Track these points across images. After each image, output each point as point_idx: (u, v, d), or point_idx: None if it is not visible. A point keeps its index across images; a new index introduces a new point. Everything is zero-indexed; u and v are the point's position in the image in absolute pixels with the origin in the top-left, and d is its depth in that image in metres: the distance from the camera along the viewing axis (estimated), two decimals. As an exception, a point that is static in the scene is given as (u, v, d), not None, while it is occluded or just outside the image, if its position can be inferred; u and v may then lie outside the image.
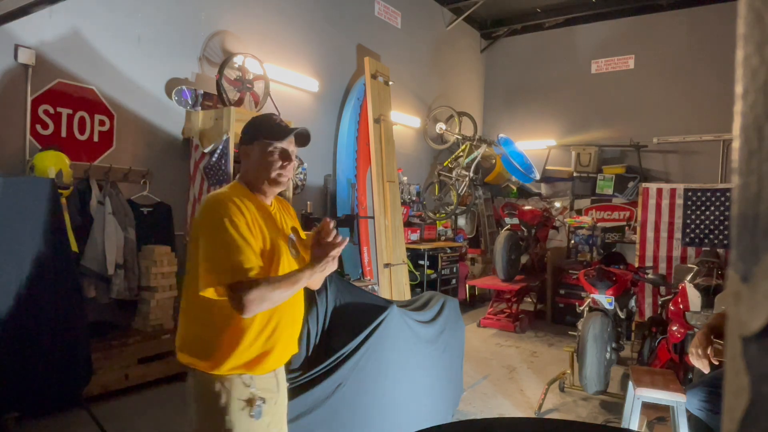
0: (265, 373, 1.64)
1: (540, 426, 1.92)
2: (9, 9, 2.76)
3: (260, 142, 1.65)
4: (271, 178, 1.64)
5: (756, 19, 0.29)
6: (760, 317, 0.28)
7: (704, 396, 2.50)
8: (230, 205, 1.55)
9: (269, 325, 1.61)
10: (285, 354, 1.72)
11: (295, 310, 1.73)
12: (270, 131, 1.66)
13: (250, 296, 1.45)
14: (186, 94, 4.59)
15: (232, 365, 1.57)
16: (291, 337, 1.73)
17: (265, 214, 1.65)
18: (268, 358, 1.62)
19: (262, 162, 1.64)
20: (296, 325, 1.76)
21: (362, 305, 2.83)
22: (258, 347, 1.60)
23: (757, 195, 0.28)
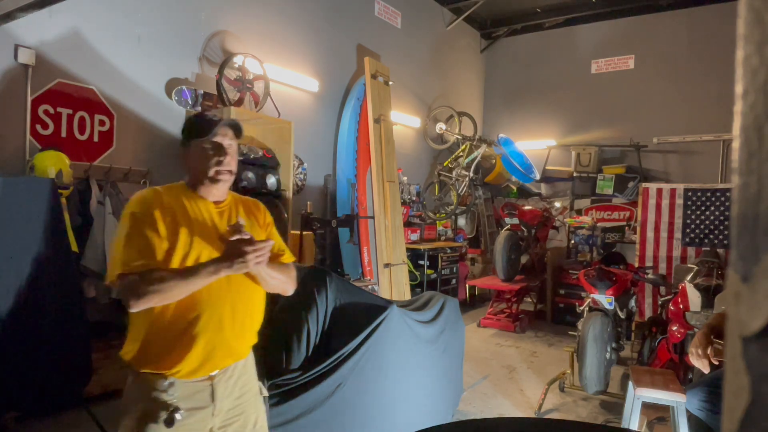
0: (191, 378, 1.54)
1: (540, 426, 1.92)
2: (8, 9, 2.76)
3: (194, 142, 1.63)
4: (210, 176, 1.61)
5: (756, 19, 0.29)
6: (760, 317, 0.28)
7: (704, 396, 2.50)
8: (140, 198, 1.57)
9: (181, 322, 1.52)
10: (215, 358, 1.58)
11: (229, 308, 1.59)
12: (199, 128, 1.64)
13: (130, 287, 1.43)
14: (186, 94, 4.59)
15: (146, 362, 1.53)
16: (225, 339, 1.59)
17: (195, 211, 1.60)
18: (188, 361, 1.52)
19: (198, 161, 1.62)
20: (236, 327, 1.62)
21: (362, 305, 2.83)
22: (168, 344, 1.52)
23: (757, 195, 0.28)
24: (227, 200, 1.72)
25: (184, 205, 1.60)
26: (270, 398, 2.44)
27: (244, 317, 1.65)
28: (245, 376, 1.71)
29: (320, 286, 2.69)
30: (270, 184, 4.77)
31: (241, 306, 1.64)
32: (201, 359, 1.55)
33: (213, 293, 1.55)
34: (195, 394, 1.56)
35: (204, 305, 1.54)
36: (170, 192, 1.62)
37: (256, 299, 1.71)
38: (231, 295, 1.60)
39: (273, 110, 5.21)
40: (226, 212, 1.69)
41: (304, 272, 2.84)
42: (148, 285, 1.42)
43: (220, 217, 1.66)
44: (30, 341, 3.04)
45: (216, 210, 1.66)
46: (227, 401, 1.63)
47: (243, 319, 1.65)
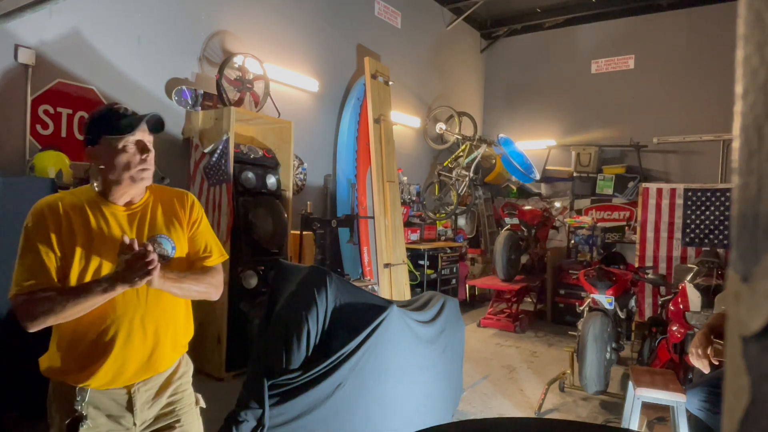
0: (100, 387, 1.50)
1: (540, 426, 1.92)
2: (9, 9, 2.76)
3: (108, 139, 1.48)
4: (132, 177, 1.49)
5: (756, 19, 0.29)
6: (760, 317, 0.28)
7: (704, 396, 2.50)
8: (35, 211, 1.48)
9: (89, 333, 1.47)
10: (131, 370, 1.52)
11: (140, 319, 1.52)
12: (116, 125, 1.48)
13: (23, 308, 1.38)
14: (186, 94, 4.59)
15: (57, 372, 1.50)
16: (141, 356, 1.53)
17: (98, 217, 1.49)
18: (99, 375, 1.47)
19: (115, 161, 1.47)
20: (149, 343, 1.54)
21: (362, 305, 2.83)
22: (76, 355, 1.48)
23: (757, 195, 0.28)
24: (143, 199, 1.59)
25: (86, 214, 1.49)
26: (270, 398, 2.44)
27: (158, 329, 1.56)
28: (173, 386, 1.63)
29: (320, 286, 2.69)
30: (270, 184, 4.77)
31: (154, 318, 1.55)
32: (112, 373, 1.50)
33: (119, 306, 1.48)
34: (110, 402, 1.52)
35: (111, 318, 1.48)
36: (73, 199, 1.51)
37: (176, 309, 1.62)
38: (141, 308, 1.52)
39: (273, 110, 5.21)
40: (138, 215, 1.57)
41: (304, 272, 2.84)
42: (38, 306, 1.36)
43: (130, 221, 1.55)
44: (30, 341, 3.04)
45: (125, 214, 1.54)
46: (150, 411, 1.57)
47: (158, 331, 1.56)
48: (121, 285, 1.39)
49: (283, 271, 3.02)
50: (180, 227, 1.63)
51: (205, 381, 4.20)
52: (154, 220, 1.58)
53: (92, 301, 1.39)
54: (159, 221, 1.59)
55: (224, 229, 4.22)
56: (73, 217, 1.47)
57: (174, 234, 1.61)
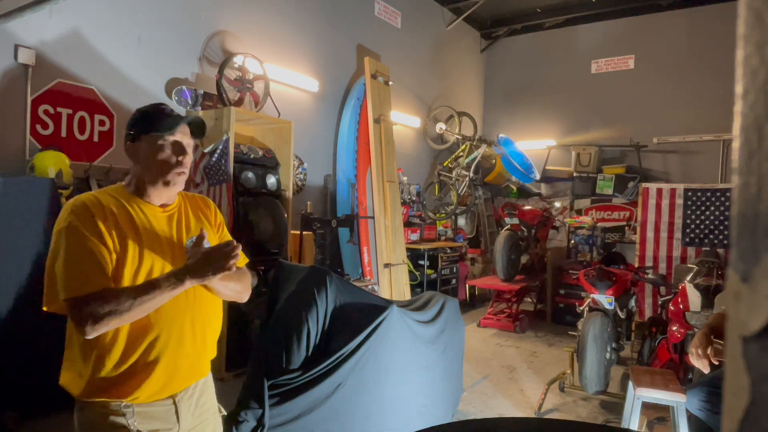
0: (151, 400, 1.41)
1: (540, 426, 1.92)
2: (9, 9, 2.76)
3: (148, 137, 1.45)
4: (165, 180, 1.45)
5: (756, 19, 0.29)
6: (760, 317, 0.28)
7: (704, 396, 2.50)
8: (79, 209, 1.36)
9: (142, 343, 1.38)
10: (178, 378, 1.46)
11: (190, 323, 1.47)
12: (157, 123, 1.45)
13: (82, 314, 1.27)
14: (186, 94, 4.59)
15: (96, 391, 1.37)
16: (186, 357, 1.46)
17: (141, 218, 1.44)
18: (148, 383, 1.39)
19: (152, 160, 1.44)
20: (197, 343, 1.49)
21: (362, 305, 2.83)
22: (127, 368, 1.37)
23: (757, 195, 0.28)
24: (176, 203, 1.56)
25: (128, 211, 1.42)
26: (270, 398, 2.44)
27: (204, 332, 1.52)
28: (206, 393, 1.59)
29: (320, 286, 2.69)
30: (270, 184, 4.77)
31: (201, 319, 1.50)
32: (162, 383, 1.42)
33: (171, 309, 1.41)
34: (157, 415, 1.43)
35: (162, 323, 1.40)
36: (109, 197, 1.43)
37: (216, 310, 1.59)
38: (191, 309, 1.46)
39: (273, 110, 5.21)
40: (175, 216, 1.53)
41: (304, 272, 2.84)
42: (104, 308, 1.26)
43: (169, 222, 1.50)
44: (30, 341, 3.04)
45: (163, 215, 1.50)
46: (189, 420, 1.51)
47: (204, 334, 1.52)
48: (191, 280, 1.33)
49: (283, 271, 3.02)
50: (210, 229, 1.62)
51: (205, 381, 4.20)
52: (189, 222, 1.56)
53: (159, 299, 1.32)
54: (193, 223, 1.57)
55: (224, 229, 4.21)
56: (118, 213, 1.40)
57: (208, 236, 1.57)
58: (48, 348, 3.11)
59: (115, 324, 1.30)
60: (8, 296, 2.95)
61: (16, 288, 2.98)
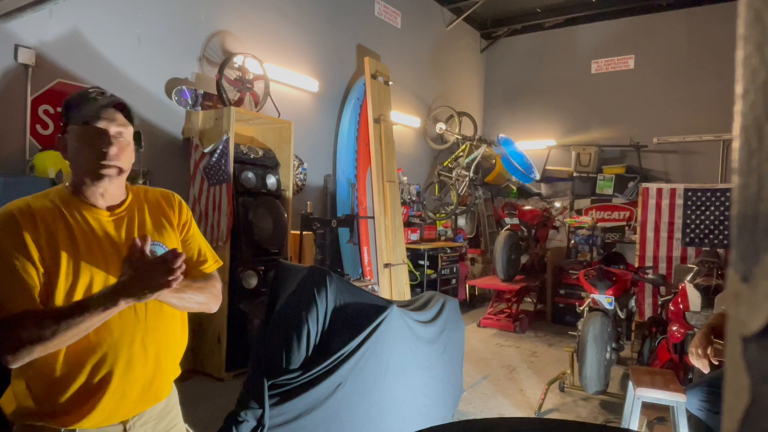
0: (101, 425, 1.26)
1: (540, 426, 1.92)
2: (9, 9, 2.76)
3: (71, 128, 1.28)
4: (93, 173, 1.27)
5: (756, 19, 0.29)
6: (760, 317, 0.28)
7: (704, 396, 2.50)
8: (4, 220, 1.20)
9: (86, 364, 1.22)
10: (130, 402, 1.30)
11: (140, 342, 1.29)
12: (79, 110, 1.28)
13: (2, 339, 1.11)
14: (186, 94, 4.60)
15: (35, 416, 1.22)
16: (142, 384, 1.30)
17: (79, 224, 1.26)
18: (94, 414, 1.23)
19: (76, 153, 1.27)
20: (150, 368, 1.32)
21: (362, 305, 2.83)
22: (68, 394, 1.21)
23: (757, 195, 0.28)
24: (126, 203, 1.37)
25: (64, 218, 1.24)
26: (270, 398, 2.44)
27: (159, 351, 1.33)
28: (167, 418, 1.42)
29: (320, 286, 2.69)
30: (270, 184, 4.77)
31: (155, 338, 1.32)
32: (110, 408, 1.26)
33: (117, 328, 1.24)
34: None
35: (106, 344, 1.23)
36: (45, 202, 1.26)
37: (175, 325, 1.40)
38: (141, 327, 1.29)
39: (273, 110, 5.21)
40: (125, 220, 1.34)
41: (304, 272, 2.84)
42: (22, 334, 1.10)
43: (117, 227, 1.32)
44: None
45: (109, 219, 1.31)
46: None
47: (158, 354, 1.33)
48: (126, 299, 1.15)
49: (283, 271, 3.03)
50: (172, 231, 1.42)
51: (205, 381, 4.20)
52: (143, 225, 1.36)
53: (89, 322, 1.14)
54: (149, 226, 1.37)
55: (224, 229, 4.22)
56: (51, 223, 1.22)
57: (167, 239, 1.39)
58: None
59: (39, 352, 1.12)
60: None
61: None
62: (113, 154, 1.28)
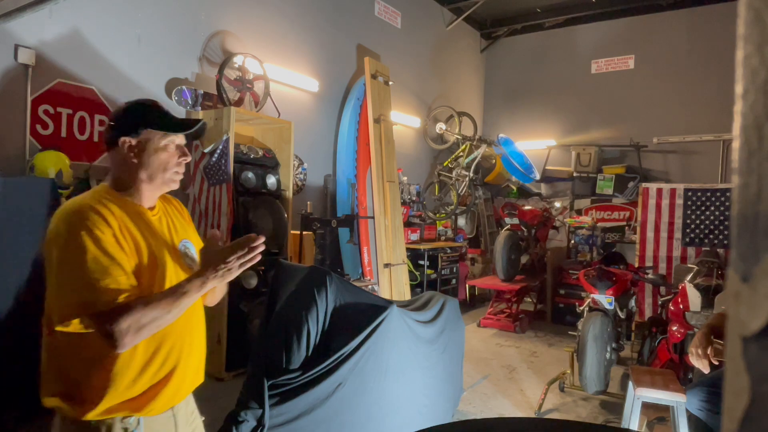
0: (159, 412, 1.35)
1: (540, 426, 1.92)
2: (9, 9, 2.76)
3: (150, 132, 1.36)
4: (165, 179, 1.39)
5: (756, 19, 0.29)
6: (760, 317, 0.28)
7: (704, 396, 2.50)
8: (89, 214, 1.24)
9: (160, 354, 1.33)
10: (184, 387, 1.43)
11: (193, 332, 1.45)
12: (163, 121, 1.38)
13: (122, 325, 1.17)
14: (186, 94, 4.59)
15: (109, 406, 1.27)
16: (190, 366, 1.43)
17: (141, 221, 1.36)
18: (162, 395, 1.33)
19: (154, 158, 1.36)
20: (196, 352, 1.46)
21: (362, 305, 2.83)
22: (145, 381, 1.30)
23: (757, 195, 0.28)
24: (158, 205, 1.48)
25: (126, 215, 1.33)
26: (270, 398, 2.44)
27: (201, 339, 1.49)
28: (191, 401, 1.55)
29: (320, 286, 2.69)
30: (270, 184, 4.77)
31: (199, 327, 1.48)
32: (172, 393, 1.37)
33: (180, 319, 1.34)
34: (160, 429, 1.37)
35: (175, 334, 1.36)
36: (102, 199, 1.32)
37: (203, 315, 1.54)
38: (192, 317, 1.43)
39: (273, 110, 5.21)
40: (163, 218, 1.46)
41: (304, 272, 2.84)
42: (142, 318, 1.19)
43: (159, 224, 1.43)
44: (30, 341, 3.04)
45: (154, 217, 1.42)
46: (185, 429, 1.47)
47: (200, 342, 1.49)
48: (212, 282, 1.29)
49: (283, 271, 3.03)
50: (191, 229, 1.58)
51: (205, 381, 4.19)
52: (174, 225, 1.49)
53: (187, 303, 1.28)
54: (178, 225, 1.50)
55: (224, 229, 4.22)
56: (118, 215, 1.31)
57: (191, 236, 1.55)
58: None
59: (147, 335, 1.23)
60: (8, 296, 2.95)
61: (16, 288, 2.98)
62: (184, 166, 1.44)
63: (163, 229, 1.43)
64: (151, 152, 1.36)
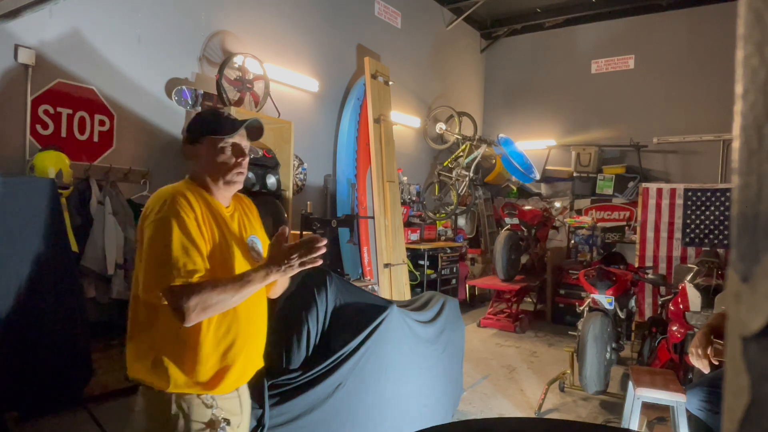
0: (227, 392, 1.50)
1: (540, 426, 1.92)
2: (9, 9, 2.76)
3: (208, 139, 1.51)
4: (226, 180, 1.52)
5: (756, 19, 0.29)
6: (760, 317, 0.28)
7: (704, 396, 2.50)
8: (179, 199, 1.42)
9: (226, 338, 1.46)
10: (247, 370, 1.57)
11: (257, 319, 1.58)
12: (218, 126, 1.52)
13: (191, 302, 1.30)
14: (186, 94, 4.59)
15: (188, 383, 1.41)
16: (253, 351, 1.58)
17: (217, 215, 1.51)
18: (229, 375, 1.47)
19: (213, 161, 1.51)
20: (258, 338, 1.61)
21: (362, 305, 2.83)
22: (215, 362, 1.44)
23: (757, 195, 0.28)
24: (233, 203, 1.64)
25: (206, 207, 1.48)
26: (270, 398, 2.44)
27: (262, 326, 1.63)
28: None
29: (320, 286, 2.69)
30: (270, 184, 4.77)
31: (261, 315, 1.62)
32: (238, 375, 1.51)
33: (249, 303, 1.48)
34: (228, 407, 1.50)
35: (242, 318, 1.49)
36: (190, 189, 1.49)
37: (266, 305, 1.70)
38: (259, 303, 1.58)
39: (273, 110, 5.21)
40: (236, 214, 1.61)
41: (304, 272, 2.84)
42: (211, 298, 1.32)
43: (231, 219, 1.58)
44: (30, 341, 3.04)
45: (227, 212, 1.57)
46: (247, 410, 1.61)
47: (262, 327, 1.63)
48: (275, 275, 1.41)
49: (283, 271, 3.02)
50: (260, 228, 1.72)
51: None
52: (245, 222, 1.63)
53: (249, 290, 1.39)
54: (252, 221, 1.66)
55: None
56: (201, 205, 1.47)
57: (259, 234, 1.69)
58: (48, 348, 3.12)
59: (210, 314, 1.35)
60: (8, 296, 2.95)
61: (16, 288, 2.98)
62: (245, 163, 1.56)
63: (235, 224, 1.57)
64: (212, 156, 1.51)
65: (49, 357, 3.12)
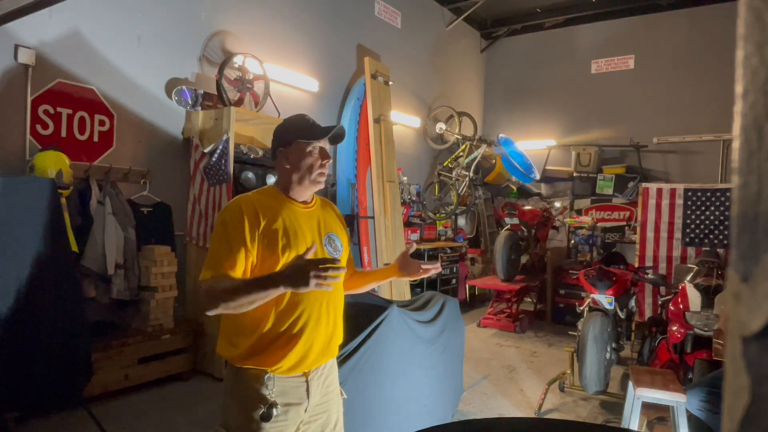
0: (289, 375, 1.59)
1: (540, 426, 1.92)
2: (9, 9, 2.76)
3: (298, 143, 1.67)
4: (312, 179, 1.68)
5: (756, 19, 0.29)
6: (760, 317, 0.28)
7: (704, 396, 2.51)
8: (234, 206, 1.59)
9: (290, 316, 1.57)
10: (312, 355, 1.63)
11: (327, 307, 1.66)
12: (307, 131, 1.69)
13: (202, 295, 1.49)
14: (186, 94, 4.59)
15: (247, 358, 1.57)
16: (321, 337, 1.65)
17: (292, 212, 1.66)
18: (289, 358, 1.57)
19: (302, 163, 1.66)
20: (329, 325, 1.68)
21: (362, 305, 2.83)
22: (275, 343, 1.56)
23: (757, 195, 0.28)
24: (313, 203, 1.76)
25: (279, 211, 1.64)
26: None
27: (336, 315, 1.72)
28: (332, 375, 1.76)
29: (320, 286, 2.68)
30: (270, 184, 4.76)
31: (335, 304, 1.70)
32: (299, 357, 1.59)
33: (312, 292, 1.54)
34: (291, 390, 1.60)
35: (306, 303, 1.59)
36: (262, 196, 1.67)
37: (341, 297, 1.79)
38: (327, 293, 1.64)
39: (273, 110, 5.21)
40: (315, 213, 1.73)
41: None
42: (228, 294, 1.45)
43: (308, 218, 1.69)
44: (30, 341, 3.05)
45: (304, 210, 1.70)
46: (316, 398, 1.67)
47: (336, 318, 1.71)
48: (285, 288, 1.44)
49: (283, 271, 3.02)
50: (342, 230, 1.83)
51: (205, 381, 4.20)
52: (324, 219, 1.75)
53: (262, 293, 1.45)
54: (329, 221, 1.77)
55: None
56: (270, 214, 1.61)
57: (340, 234, 1.79)
58: (48, 348, 3.12)
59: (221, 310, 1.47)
60: (8, 296, 2.95)
61: (16, 288, 2.98)
62: (327, 166, 1.71)
63: (313, 222, 1.70)
64: (299, 158, 1.66)
65: (49, 357, 3.12)
